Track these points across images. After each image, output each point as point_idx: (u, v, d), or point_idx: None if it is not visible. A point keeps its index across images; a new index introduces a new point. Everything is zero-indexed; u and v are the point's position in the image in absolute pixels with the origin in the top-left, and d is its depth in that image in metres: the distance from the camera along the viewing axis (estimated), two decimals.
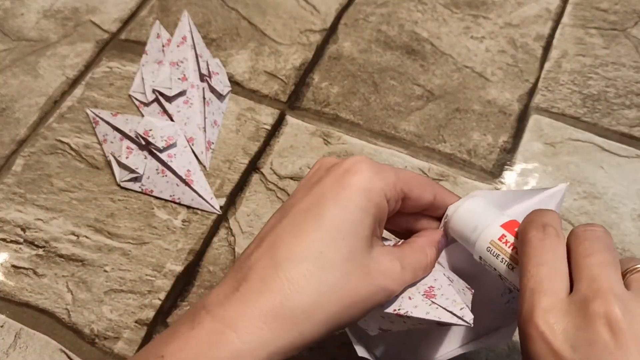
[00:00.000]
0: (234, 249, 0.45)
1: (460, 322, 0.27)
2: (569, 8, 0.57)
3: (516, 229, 0.29)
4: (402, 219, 0.32)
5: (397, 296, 0.29)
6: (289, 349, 0.25)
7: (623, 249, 0.43)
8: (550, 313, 0.24)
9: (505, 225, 0.29)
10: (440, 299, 0.28)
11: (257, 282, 0.26)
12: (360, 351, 0.32)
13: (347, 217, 0.27)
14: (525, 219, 0.28)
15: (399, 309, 0.29)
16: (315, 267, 0.26)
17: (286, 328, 0.25)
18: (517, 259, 0.28)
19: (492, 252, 0.29)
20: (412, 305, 0.29)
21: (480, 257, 0.30)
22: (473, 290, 0.31)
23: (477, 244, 0.29)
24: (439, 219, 0.33)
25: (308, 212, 0.27)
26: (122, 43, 0.56)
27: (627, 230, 0.44)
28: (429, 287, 0.29)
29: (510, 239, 0.29)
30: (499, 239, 0.29)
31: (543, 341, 0.24)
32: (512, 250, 0.28)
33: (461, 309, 0.28)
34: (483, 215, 0.30)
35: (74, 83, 0.53)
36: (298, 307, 0.25)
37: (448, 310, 0.28)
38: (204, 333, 0.25)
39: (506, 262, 0.28)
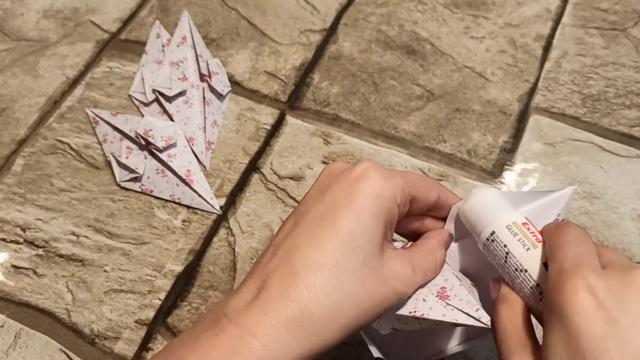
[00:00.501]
0: (234, 249, 0.45)
1: (477, 323, 0.28)
2: (569, 8, 0.57)
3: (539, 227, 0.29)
4: (408, 221, 0.33)
5: (410, 298, 0.30)
6: (310, 355, 0.26)
7: (623, 248, 0.43)
8: (596, 271, 0.24)
9: (527, 217, 0.30)
10: (454, 299, 0.29)
11: (277, 291, 0.26)
12: (375, 352, 0.32)
13: (361, 224, 0.27)
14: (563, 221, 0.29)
15: (414, 312, 0.29)
16: (332, 274, 0.26)
17: (306, 335, 0.26)
18: (536, 244, 0.28)
19: (511, 231, 0.29)
20: (428, 307, 0.29)
21: (493, 233, 0.29)
22: (478, 288, 0.31)
23: (496, 222, 0.30)
24: (442, 219, 0.33)
25: (322, 220, 0.27)
26: (122, 43, 0.56)
27: (627, 230, 0.44)
28: (441, 288, 0.30)
29: (533, 228, 0.29)
30: (522, 224, 0.29)
31: (589, 292, 0.23)
32: (532, 236, 0.29)
33: (477, 310, 0.28)
34: (504, 202, 0.31)
35: (74, 83, 0.53)
36: (317, 314, 0.26)
37: (464, 312, 0.28)
38: (228, 340, 0.25)
39: (523, 242, 0.28)
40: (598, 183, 0.46)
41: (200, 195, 0.46)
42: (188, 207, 0.46)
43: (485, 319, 0.28)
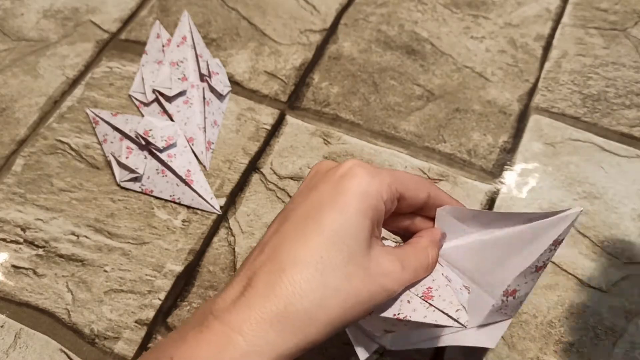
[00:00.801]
0: (234, 249, 0.45)
1: (455, 324, 0.28)
2: (569, 8, 0.57)
3: None
4: (398, 219, 0.33)
5: (396, 299, 0.30)
6: (295, 351, 0.26)
7: (623, 249, 0.43)
8: None
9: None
10: (437, 300, 0.29)
11: (262, 287, 0.26)
12: (362, 354, 0.32)
13: (346, 221, 0.27)
14: None
15: (398, 314, 0.29)
16: (317, 271, 0.26)
17: (291, 331, 0.26)
18: None
19: None
20: (411, 309, 0.29)
21: None
22: (470, 290, 0.32)
23: None
24: (434, 219, 0.33)
25: (308, 218, 0.28)
26: (122, 43, 0.56)
27: (627, 230, 0.44)
28: (427, 288, 0.30)
29: None
30: None
31: None
32: None
33: (457, 310, 0.28)
34: None
35: (74, 83, 0.53)
36: (302, 310, 0.26)
37: (444, 313, 0.28)
38: (213, 337, 0.25)
39: None
40: (598, 183, 0.46)
41: (200, 195, 0.46)
42: (188, 207, 0.46)
43: (463, 319, 0.28)
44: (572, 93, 0.51)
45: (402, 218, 0.33)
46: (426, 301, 0.29)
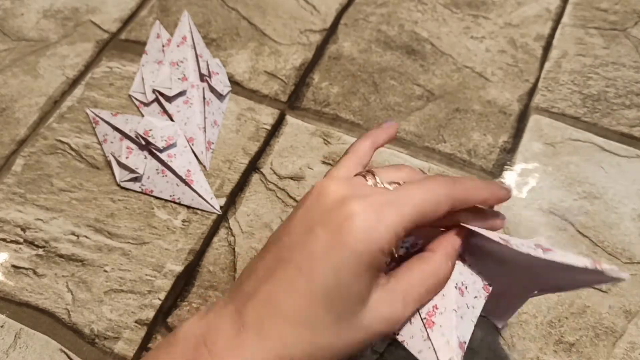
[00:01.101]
0: (234, 249, 0.45)
1: None
2: (569, 8, 0.57)
3: None
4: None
5: None
6: None
7: (623, 249, 0.43)
8: None
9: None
10: (437, 332, 0.29)
11: (255, 334, 0.27)
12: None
13: (338, 282, 0.27)
14: None
15: (399, 334, 0.29)
16: (307, 329, 0.27)
17: None
18: None
19: None
20: (410, 334, 0.29)
21: None
22: (490, 290, 0.31)
23: None
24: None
25: (301, 271, 0.27)
26: (122, 43, 0.56)
27: (627, 230, 0.44)
28: (432, 308, 0.29)
29: None
30: None
31: None
32: None
33: (449, 359, 0.28)
34: None
35: (74, 83, 0.53)
36: None
37: (436, 356, 0.28)
38: None
39: None
40: (598, 183, 0.46)
41: (200, 195, 0.46)
42: (188, 207, 0.46)
43: None
44: (572, 93, 0.51)
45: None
46: (426, 328, 0.29)
